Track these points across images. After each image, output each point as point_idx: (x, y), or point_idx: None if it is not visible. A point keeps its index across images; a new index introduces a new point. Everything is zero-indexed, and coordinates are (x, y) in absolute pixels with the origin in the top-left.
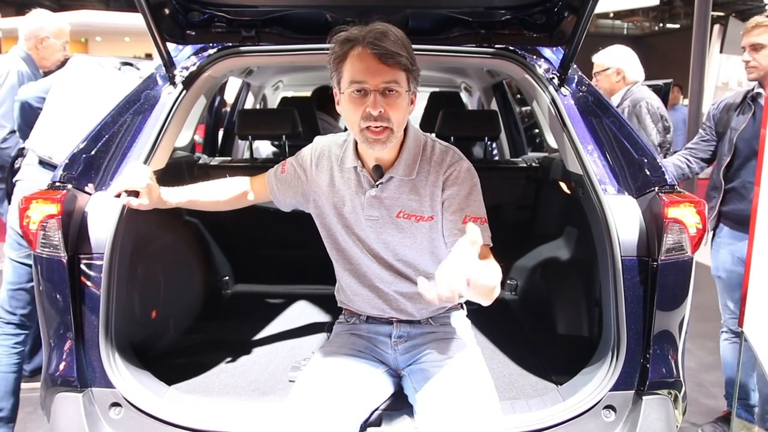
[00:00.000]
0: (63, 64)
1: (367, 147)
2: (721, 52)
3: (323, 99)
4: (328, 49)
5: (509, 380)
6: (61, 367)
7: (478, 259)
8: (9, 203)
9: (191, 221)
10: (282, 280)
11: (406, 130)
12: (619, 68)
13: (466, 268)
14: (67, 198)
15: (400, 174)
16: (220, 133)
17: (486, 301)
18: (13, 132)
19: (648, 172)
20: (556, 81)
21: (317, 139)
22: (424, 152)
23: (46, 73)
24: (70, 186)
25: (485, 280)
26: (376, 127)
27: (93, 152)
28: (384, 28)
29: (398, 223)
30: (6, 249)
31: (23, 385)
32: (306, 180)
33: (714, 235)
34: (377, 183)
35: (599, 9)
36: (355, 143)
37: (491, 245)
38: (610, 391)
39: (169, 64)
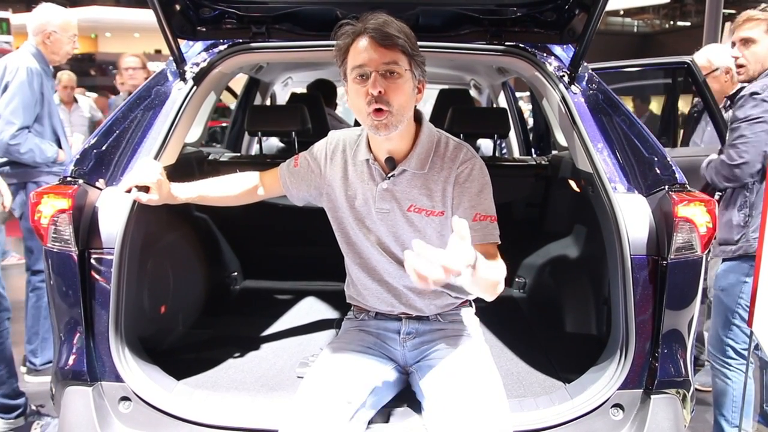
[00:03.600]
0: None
1: (374, 133)
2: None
3: (326, 94)
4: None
5: (517, 378)
6: (72, 361)
7: (472, 250)
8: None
9: (200, 217)
10: (291, 276)
11: (420, 124)
12: (727, 68)
13: (448, 257)
14: (78, 193)
15: (412, 167)
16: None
17: (489, 297)
18: (22, 128)
19: (658, 171)
20: (566, 79)
21: (332, 132)
22: (438, 148)
23: (56, 68)
24: (81, 181)
25: (487, 274)
26: (378, 109)
27: (104, 148)
28: (384, 17)
29: (409, 217)
30: None
31: (33, 379)
32: (319, 173)
33: None
34: (389, 175)
35: (609, 6)
36: (368, 137)
37: (500, 243)
38: (618, 389)
39: (179, 60)
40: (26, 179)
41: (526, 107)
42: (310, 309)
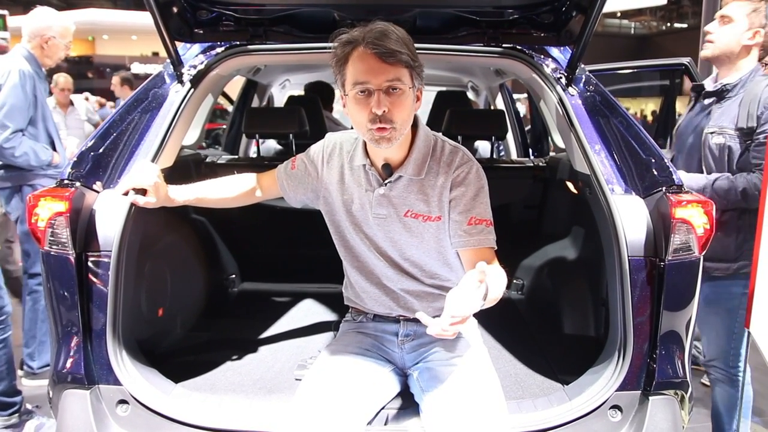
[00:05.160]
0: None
1: (375, 145)
2: None
3: (325, 97)
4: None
5: (515, 380)
6: (69, 364)
7: (485, 285)
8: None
9: (198, 219)
10: (288, 278)
11: (416, 129)
12: None
13: (467, 309)
14: (75, 196)
15: (409, 173)
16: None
17: (489, 305)
18: (16, 131)
19: (655, 172)
20: (563, 80)
21: (329, 135)
22: (434, 152)
23: (49, 72)
24: (78, 184)
25: (493, 295)
26: (381, 126)
27: (101, 150)
28: (384, 27)
29: (406, 222)
30: None
31: (30, 382)
32: (316, 176)
33: None
34: (386, 182)
35: (607, 8)
36: (365, 142)
37: (496, 248)
38: (616, 391)
39: (177, 62)
40: (21, 182)
41: (523, 109)
42: (308, 311)
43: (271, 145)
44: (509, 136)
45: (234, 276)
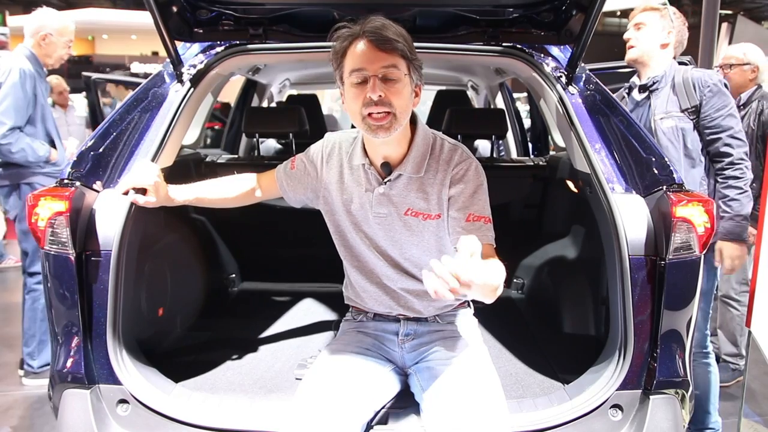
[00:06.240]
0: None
1: (372, 136)
2: None
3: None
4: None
5: (516, 379)
6: (69, 363)
7: (480, 260)
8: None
9: (198, 219)
10: (288, 277)
11: (415, 127)
12: (756, 66)
13: (459, 268)
14: (75, 195)
15: (408, 171)
16: None
17: (489, 300)
18: (14, 129)
19: (656, 171)
20: (563, 79)
21: (328, 135)
22: (433, 150)
23: (50, 71)
24: (78, 183)
25: (484, 280)
26: (378, 113)
27: (101, 150)
28: (382, 20)
29: (406, 220)
30: None
31: (31, 382)
32: (315, 176)
33: None
34: (386, 180)
35: (606, 7)
36: (363, 141)
37: (494, 245)
38: (617, 390)
39: (176, 61)
40: (19, 180)
41: (523, 108)
42: (308, 310)
43: (270, 145)
44: (509, 135)
45: (234, 276)
